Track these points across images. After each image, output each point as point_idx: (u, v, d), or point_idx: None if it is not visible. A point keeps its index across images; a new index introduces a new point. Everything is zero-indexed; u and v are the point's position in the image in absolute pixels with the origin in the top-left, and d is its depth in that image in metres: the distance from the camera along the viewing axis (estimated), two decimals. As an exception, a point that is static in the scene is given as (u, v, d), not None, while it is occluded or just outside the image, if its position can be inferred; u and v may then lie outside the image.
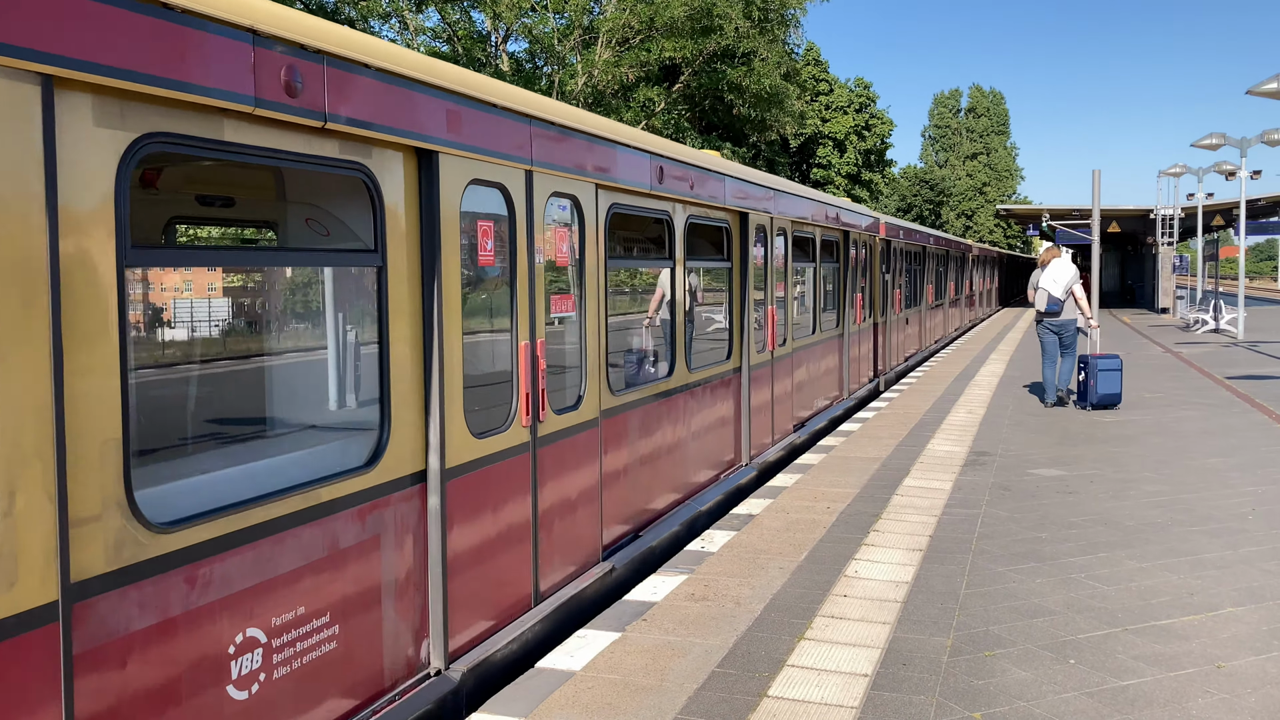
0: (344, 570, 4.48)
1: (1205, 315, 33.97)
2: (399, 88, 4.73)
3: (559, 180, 6.43)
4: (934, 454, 11.84)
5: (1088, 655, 5.75)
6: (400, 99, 4.74)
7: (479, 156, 5.44)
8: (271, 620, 4.00)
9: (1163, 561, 7.54)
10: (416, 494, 5.05)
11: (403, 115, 4.76)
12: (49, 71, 2.99)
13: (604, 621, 6.33)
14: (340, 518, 4.44)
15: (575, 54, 33.12)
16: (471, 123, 5.37)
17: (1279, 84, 21.50)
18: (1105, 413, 15.14)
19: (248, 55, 3.74)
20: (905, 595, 6.79)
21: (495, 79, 6.21)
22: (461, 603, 5.38)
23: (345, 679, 4.48)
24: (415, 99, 4.86)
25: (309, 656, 4.23)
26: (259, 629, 3.93)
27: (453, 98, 5.16)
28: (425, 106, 4.95)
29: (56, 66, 3.00)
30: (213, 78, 3.60)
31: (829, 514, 8.98)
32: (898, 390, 18.39)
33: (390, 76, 4.65)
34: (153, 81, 3.33)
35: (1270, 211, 47.56)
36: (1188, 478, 10.44)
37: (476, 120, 5.41)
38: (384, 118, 4.60)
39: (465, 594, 5.41)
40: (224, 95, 3.65)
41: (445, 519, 5.15)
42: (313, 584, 4.24)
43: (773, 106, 37.48)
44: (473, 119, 5.37)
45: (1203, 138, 29.06)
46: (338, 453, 5.22)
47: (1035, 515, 8.94)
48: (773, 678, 5.44)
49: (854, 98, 65.34)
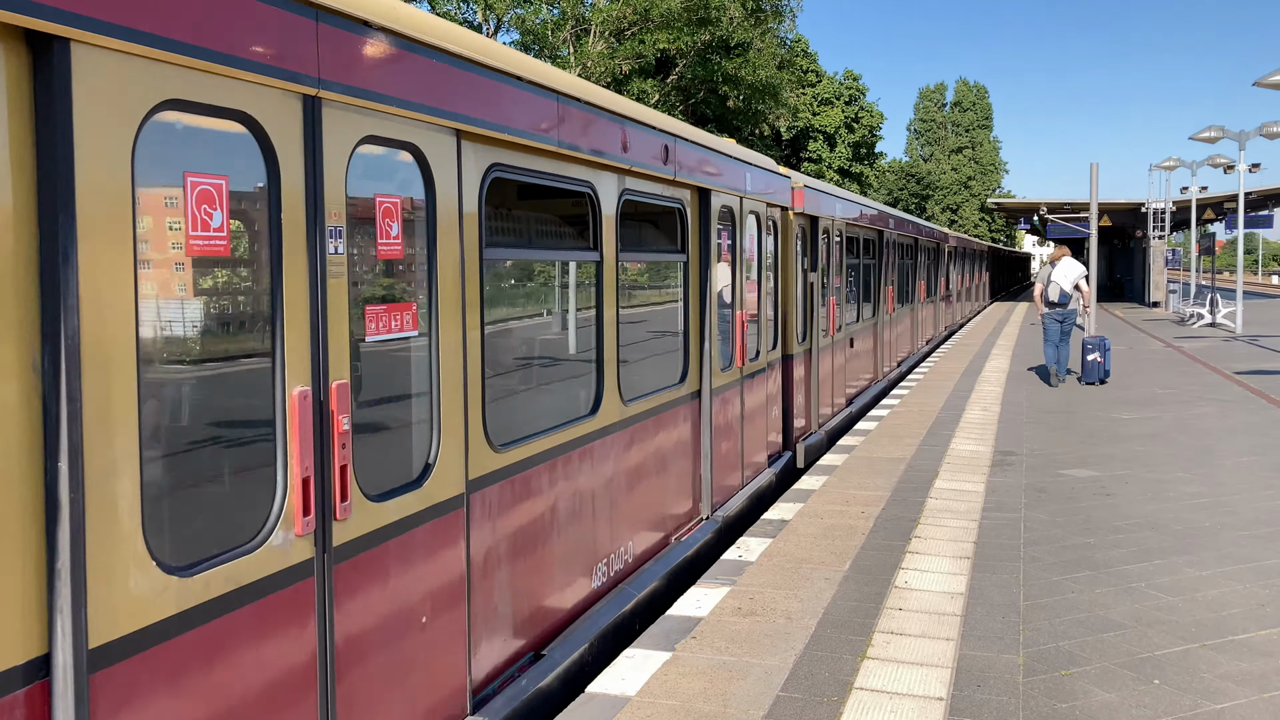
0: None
1: (1201, 309, 33.85)
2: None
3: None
4: (959, 454, 11.51)
5: (1171, 675, 5.42)
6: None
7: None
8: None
9: (1223, 569, 7.22)
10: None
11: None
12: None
13: (650, 640, 5.96)
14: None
15: (568, 46, 32.68)
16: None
17: (1286, 76, 21.31)
18: (1125, 410, 14.87)
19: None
20: (963, 608, 6.44)
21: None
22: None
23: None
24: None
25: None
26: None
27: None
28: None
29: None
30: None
31: (865, 519, 8.62)
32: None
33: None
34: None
35: (1261, 205, 47.58)
36: (1224, 478, 10.15)
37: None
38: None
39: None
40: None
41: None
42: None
43: (767, 98, 37.12)
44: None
45: (1201, 130, 28.91)
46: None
47: (1078, 519, 8.61)
48: (842, 703, 5.08)
49: (843, 90, 65.06)
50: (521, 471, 5.27)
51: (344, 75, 3.77)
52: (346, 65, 3.78)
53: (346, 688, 3.80)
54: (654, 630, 6.11)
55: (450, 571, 4.53)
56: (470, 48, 4.62)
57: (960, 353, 24.55)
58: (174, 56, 3.01)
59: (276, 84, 3.47)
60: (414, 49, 4.18)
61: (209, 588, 3.17)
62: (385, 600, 4.07)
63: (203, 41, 3.11)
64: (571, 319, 7.56)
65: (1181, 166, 37.73)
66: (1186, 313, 35.44)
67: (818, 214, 12.56)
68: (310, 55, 3.60)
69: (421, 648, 4.30)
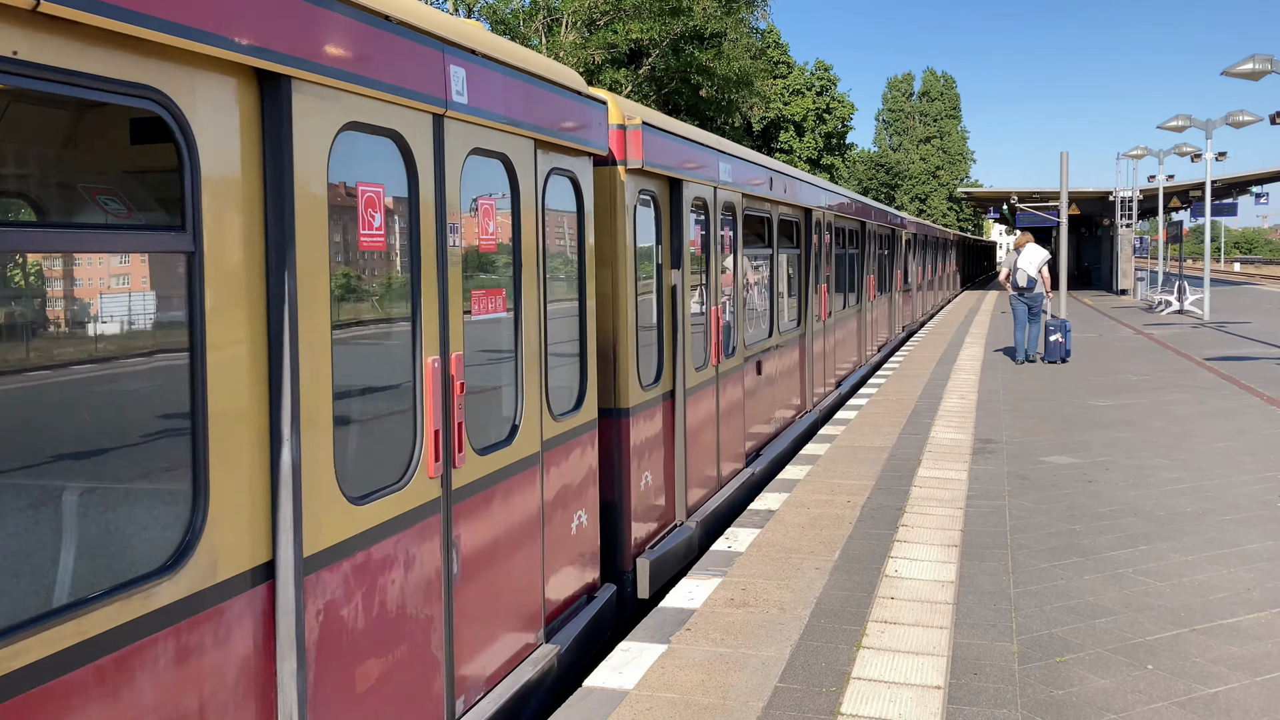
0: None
1: (1169, 296, 34.23)
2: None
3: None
4: (940, 442, 11.56)
5: (1164, 660, 5.46)
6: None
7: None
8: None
9: (1207, 554, 7.29)
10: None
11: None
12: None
13: (645, 632, 5.93)
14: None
15: (540, 36, 32.49)
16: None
17: (1254, 65, 21.55)
18: (1101, 397, 15.00)
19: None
20: (954, 596, 6.46)
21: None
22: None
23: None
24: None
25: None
26: None
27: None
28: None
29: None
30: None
31: (851, 508, 8.64)
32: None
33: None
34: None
35: (1225, 193, 48.16)
36: (1202, 464, 10.25)
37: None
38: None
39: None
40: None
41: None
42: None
43: (741, 88, 37.09)
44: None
45: (1169, 119, 29.18)
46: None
47: (1062, 507, 8.67)
48: (841, 693, 5.07)
49: (814, 80, 65.19)
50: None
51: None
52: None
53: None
54: (648, 622, 6.08)
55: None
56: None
57: (935, 341, 24.69)
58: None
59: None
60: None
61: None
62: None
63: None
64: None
65: (1149, 155, 38.12)
66: (1155, 300, 35.83)
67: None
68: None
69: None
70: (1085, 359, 20.25)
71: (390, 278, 4.29)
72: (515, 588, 5.22)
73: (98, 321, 3.39)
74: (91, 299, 3.37)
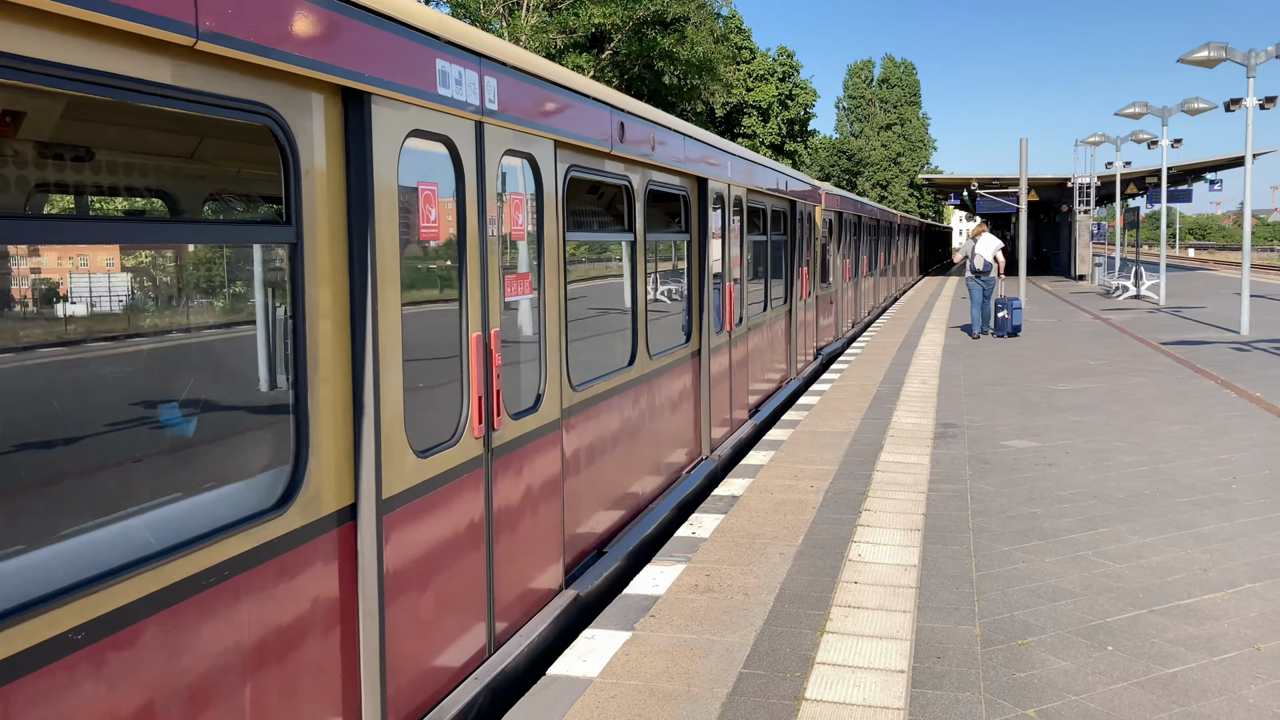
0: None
1: (1126, 282, 34.66)
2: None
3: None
4: (902, 427, 11.62)
5: (1123, 641, 5.51)
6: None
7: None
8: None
9: (1164, 536, 7.37)
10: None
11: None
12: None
13: (609, 619, 5.90)
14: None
15: (501, 20, 32.22)
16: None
17: (1209, 53, 21.81)
18: (1060, 381, 15.16)
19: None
20: (917, 580, 6.49)
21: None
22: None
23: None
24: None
25: None
26: None
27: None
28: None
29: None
30: None
31: (814, 493, 8.66)
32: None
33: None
34: None
35: (1181, 180, 48.78)
36: (1160, 447, 10.38)
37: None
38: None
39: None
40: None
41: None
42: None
43: (704, 74, 37.00)
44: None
45: (1126, 106, 29.50)
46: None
47: (1023, 490, 8.74)
48: (805, 678, 5.07)
49: (777, 66, 65.20)
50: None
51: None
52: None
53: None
54: (612, 610, 6.05)
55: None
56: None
57: (896, 327, 24.83)
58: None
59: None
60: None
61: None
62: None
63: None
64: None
65: (1106, 142, 38.46)
66: (1112, 285, 36.26)
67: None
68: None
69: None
70: (1044, 343, 20.46)
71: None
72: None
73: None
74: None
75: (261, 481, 3.82)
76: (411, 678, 4.38)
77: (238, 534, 3.42)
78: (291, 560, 3.69)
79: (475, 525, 4.97)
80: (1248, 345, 19.41)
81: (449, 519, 4.73)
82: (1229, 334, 21.62)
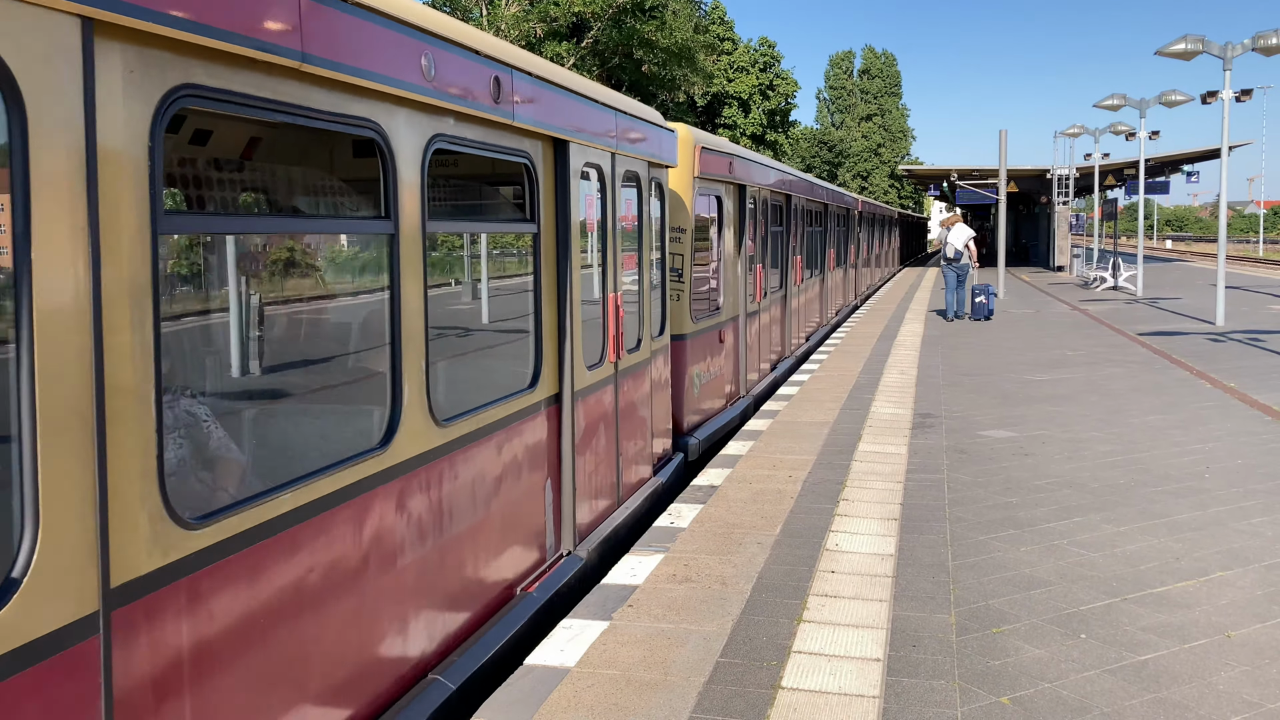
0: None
1: (1104, 273, 34.87)
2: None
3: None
4: (880, 417, 11.67)
5: (1096, 629, 5.56)
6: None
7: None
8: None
9: (1138, 525, 7.44)
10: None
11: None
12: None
13: (586, 610, 5.91)
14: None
15: (480, 8, 32.04)
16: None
17: (1186, 45, 21.92)
18: (1037, 372, 15.26)
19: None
20: (894, 569, 6.53)
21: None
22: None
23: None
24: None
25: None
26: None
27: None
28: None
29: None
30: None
31: (793, 483, 8.69)
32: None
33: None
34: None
35: (1158, 172, 49.09)
36: (1135, 436, 10.47)
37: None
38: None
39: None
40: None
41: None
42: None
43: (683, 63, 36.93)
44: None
45: (1104, 98, 29.65)
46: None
47: (999, 480, 8.80)
48: (782, 666, 5.10)
49: (758, 57, 65.14)
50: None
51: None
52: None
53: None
54: (590, 600, 6.06)
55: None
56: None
57: (875, 318, 24.91)
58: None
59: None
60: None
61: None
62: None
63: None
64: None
65: (1085, 134, 38.67)
66: (1090, 276, 36.48)
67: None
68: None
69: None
70: (1022, 334, 20.59)
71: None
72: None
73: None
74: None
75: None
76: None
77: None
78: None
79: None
80: (1223, 336, 19.59)
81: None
82: (1205, 325, 21.81)
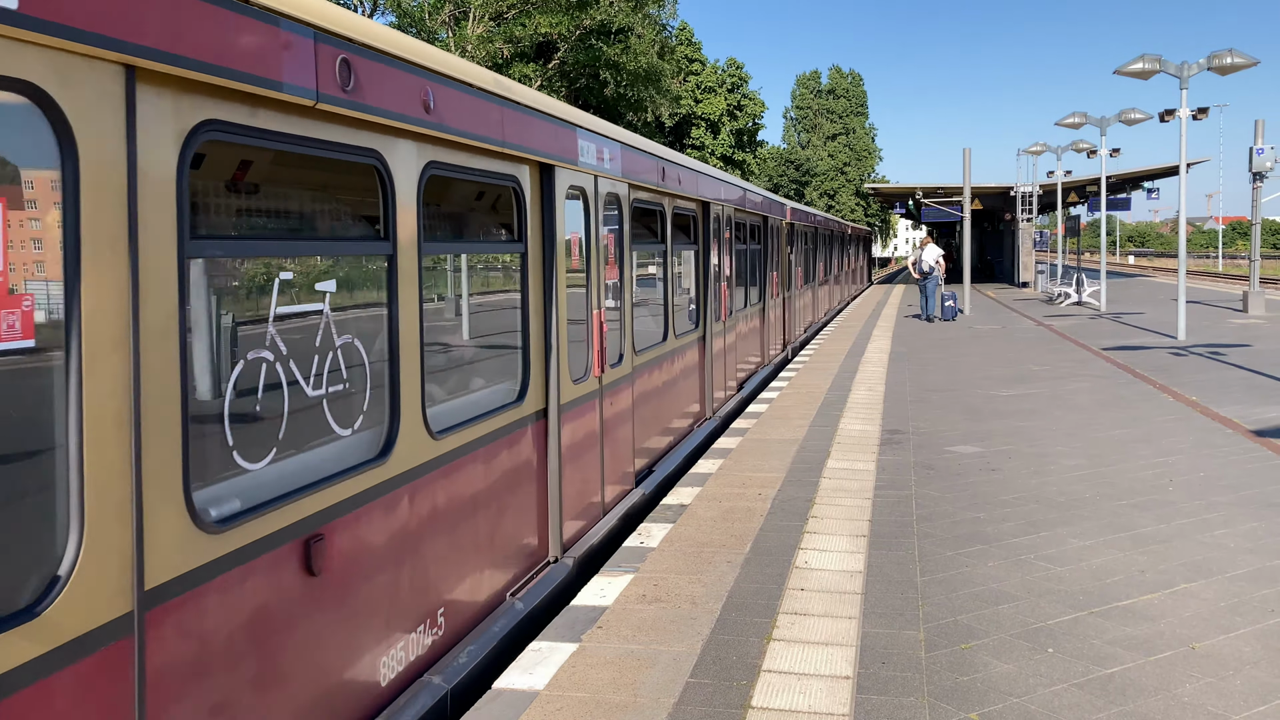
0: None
1: (1068, 288, 35.26)
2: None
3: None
4: (849, 434, 11.72)
5: (1063, 643, 5.59)
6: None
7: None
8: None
9: (1104, 538, 7.50)
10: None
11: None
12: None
13: (556, 631, 5.87)
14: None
15: (447, 29, 32.08)
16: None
17: (1144, 65, 22.28)
18: (1003, 387, 15.38)
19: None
20: (863, 586, 6.54)
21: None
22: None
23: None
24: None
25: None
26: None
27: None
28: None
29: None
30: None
31: (762, 501, 8.69)
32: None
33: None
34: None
35: (1120, 189, 49.79)
36: (1100, 451, 10.57)
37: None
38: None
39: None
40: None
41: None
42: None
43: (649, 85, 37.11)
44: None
45: (1065, 116, 30.09)
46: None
47: (967, 495, 8.85)
48: (752, 686, 5.08)
49: (726, 78, 65.60)
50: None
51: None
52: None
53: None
54: (559, 622, 6.02)
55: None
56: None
57: (842, 335, 25.04)
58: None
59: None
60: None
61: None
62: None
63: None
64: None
65: (1048, 151, 39.21)
66: (1054, 292, 36.88)
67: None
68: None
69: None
70: (988, 350, 20.76)
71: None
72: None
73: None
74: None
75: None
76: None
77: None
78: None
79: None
80: (1184, 350, 19.85)
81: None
82: (1167, 339, 22.09)
